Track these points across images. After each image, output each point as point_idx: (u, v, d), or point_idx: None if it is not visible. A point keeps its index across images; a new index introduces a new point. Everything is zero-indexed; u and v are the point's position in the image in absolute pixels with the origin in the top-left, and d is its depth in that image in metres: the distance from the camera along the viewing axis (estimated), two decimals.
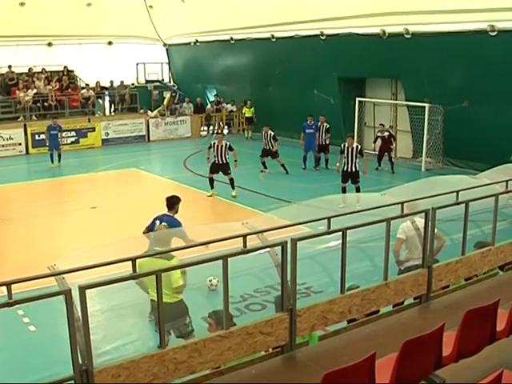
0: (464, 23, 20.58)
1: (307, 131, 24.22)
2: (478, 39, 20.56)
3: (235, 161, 20.13)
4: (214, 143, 19.99)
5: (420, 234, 8.41)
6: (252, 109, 32.88)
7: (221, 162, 19.83)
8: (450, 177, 12.33)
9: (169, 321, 7.93)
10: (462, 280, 8.48)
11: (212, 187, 20.00)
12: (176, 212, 11.32)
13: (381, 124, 24.95)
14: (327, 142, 24.20)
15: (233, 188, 19.89)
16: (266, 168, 23.74)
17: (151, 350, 6.03)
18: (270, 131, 23.63)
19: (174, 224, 10.69)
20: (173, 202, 11.37)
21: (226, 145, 19.91)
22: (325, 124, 24.08)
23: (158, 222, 10.97)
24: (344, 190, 18.36)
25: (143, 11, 34.66)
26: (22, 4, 30.53)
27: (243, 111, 33.72)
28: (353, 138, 19.43)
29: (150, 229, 10.88)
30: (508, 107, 20.44)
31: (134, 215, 17.18)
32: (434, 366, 5.43)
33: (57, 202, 20.39)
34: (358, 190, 18.49)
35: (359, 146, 18.76)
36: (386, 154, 23.88)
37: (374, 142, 24.98)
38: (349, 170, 18.44)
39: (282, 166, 23.41)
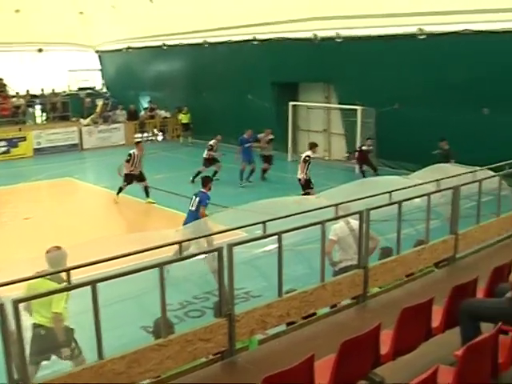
0: (394, 27, 20.99)
1: (246, 145, 23.01)
2: (407, 42, 20.99)
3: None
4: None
5: (355, 234, 8.51)
6: (188, 115, 32.73)
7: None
8: (383, 178, 12.53)
9: (52, 345, 7.86)
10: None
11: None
12: (209, 189, 14.08)
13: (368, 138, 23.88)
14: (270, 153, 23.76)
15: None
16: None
17: (90, 361, 5.92)
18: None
19: (202, 197, 13.69)
20: (205, 181, 14.29)
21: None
22: (270, 136, 23.68)
23: (193, 196, 13.87)
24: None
25: (74, 17, 34.22)
26: None
27: (179, 117, 33.49)
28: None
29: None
30: (436, 108, 20.91)
31: (69, 225, 16.94)
32: (373, 365, 5.50)
33: None
34: None
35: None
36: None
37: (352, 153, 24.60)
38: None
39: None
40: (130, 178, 19.96)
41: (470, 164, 10.63)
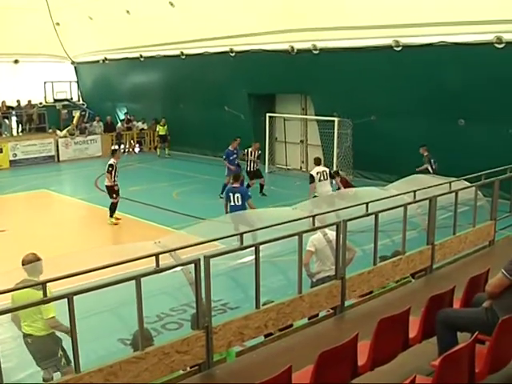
0: (370, 39, 21.10)
1: (231, 158, 22.10)
2: (383, 54, 21.12)
3: None
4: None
5: (332, 246, 8.53)
6: (165, 126, 32.65)
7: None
8: (360, 189, 12.58)
9: (43, 354, 7.81)
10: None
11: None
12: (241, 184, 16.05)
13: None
14: (258, 168, 22.84)
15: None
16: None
17: None
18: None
19: (243, 191, 15.33)
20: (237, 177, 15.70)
21: None
22: (257, 151, 22.75)
23: (231, 194, 15.02)
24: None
25: (50, 29, 34.06)
26: None
27: (157, 129, 33.41)
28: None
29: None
30: (413, 120, 21.08)
31: (46, 237, 16.78)
32: (351, 376, 5.50)
33: None
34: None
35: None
36: None
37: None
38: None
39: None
40: (115, 192, 19.25)
41: (447, 174, 10.72)
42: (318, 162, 18.79)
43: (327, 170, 18.47)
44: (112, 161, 19.33)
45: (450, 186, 9.93)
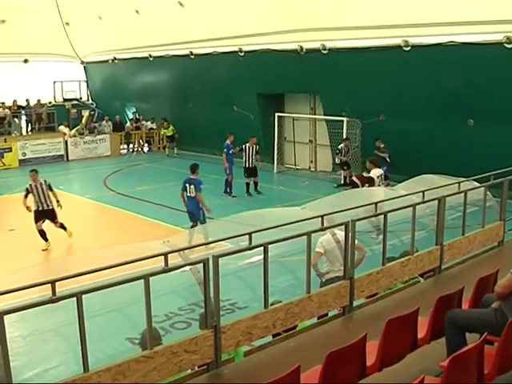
0: (379, 39, 21.07)
1: (232, 151, 22.39)
2: (392, 54, 21.08)
3: (58, 201, 16.86)
4: (31, 185, 16.85)
5: (341, 246, 8.51)
6: (170, 127, 32.73)
7: (45, 208, 16.81)
8: (369, 189, 12.56)
9: None
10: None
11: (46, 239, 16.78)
12: (197, 175, 16.24)
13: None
14: (255, 165, 22.60)
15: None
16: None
17: (75, 374, 5.86)
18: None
19: (197, 182, 15.98)
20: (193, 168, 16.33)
21: (45, 183, 16.99)
22: (255, 146, 22.51)
23: (187, 184, 16.05)
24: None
25: (60, 28, 34.15)
26: None
27: (162, 132, 33.54)
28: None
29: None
30: (421, 120, 21.03)
31: (54, 237, 16.82)
32: (359, 376, 5.48)
33: None
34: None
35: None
36: None
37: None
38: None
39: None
40: (40, 217, 16.79)
41: (456, 174, 10.68)
42: (375, 163, 17.14)
43: (382, 172, 17.32)
44: (30, 184, 16.99)
45: (459, 186, 9.89)
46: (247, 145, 22.49)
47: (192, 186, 15.97)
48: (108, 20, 31.69)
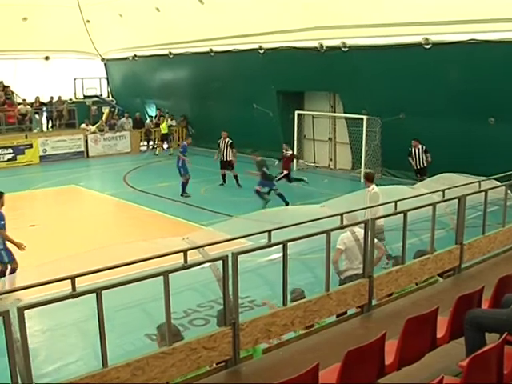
0: (399, 36, 20.99)
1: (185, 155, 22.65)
2: (413, 52, 20.99)
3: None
4: None
5: (360, 244, 8.49)
6: (165, 123, 33.20)
7: None
8: (388, 187, 12.52)
9: None
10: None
11: None
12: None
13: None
14: (231, 159, 23.47)
15: None
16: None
17: (94, 369, 5.90)
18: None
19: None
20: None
21: None
22: (227, 140, 23.57)
23: None
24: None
25: (80, 26, 34.33)
26: None
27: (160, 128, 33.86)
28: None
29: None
30: (441, 118, 20.91)
31: (74, 232, 16.95)
32: (377, 375, 5.48)
33: None
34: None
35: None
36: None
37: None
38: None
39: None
40: None
41: (477, 174, 10.62)
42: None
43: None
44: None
45: (480, 185, 9.84)
46: (221, 140, 23.59)
47: None
48: (128, 17, 31.81)
